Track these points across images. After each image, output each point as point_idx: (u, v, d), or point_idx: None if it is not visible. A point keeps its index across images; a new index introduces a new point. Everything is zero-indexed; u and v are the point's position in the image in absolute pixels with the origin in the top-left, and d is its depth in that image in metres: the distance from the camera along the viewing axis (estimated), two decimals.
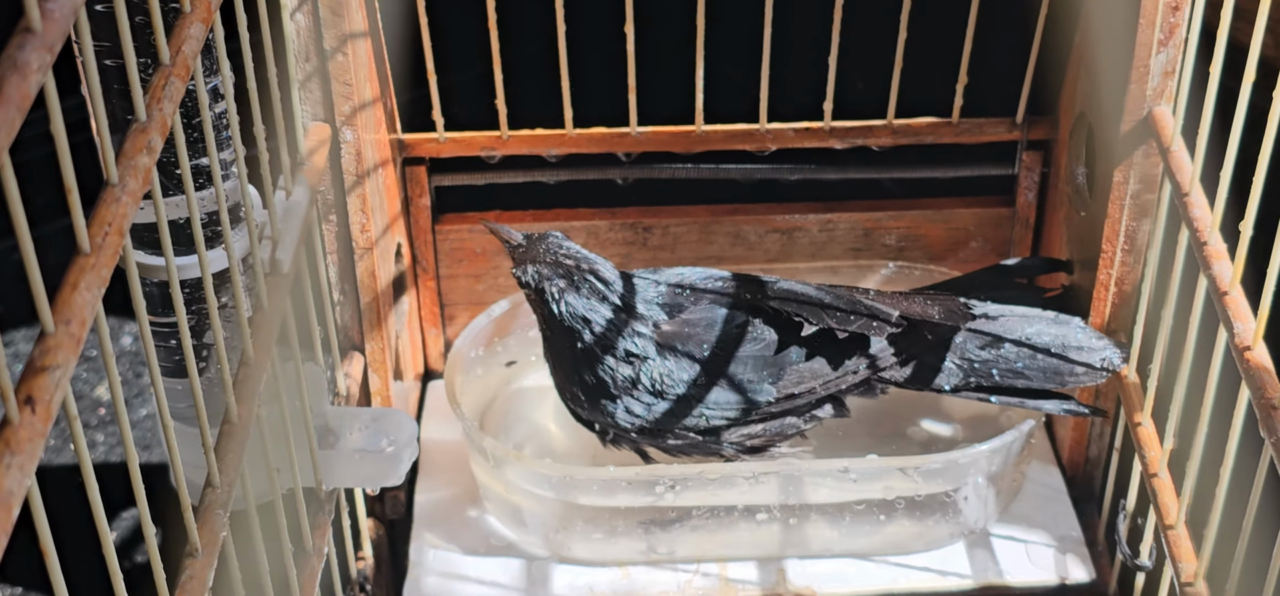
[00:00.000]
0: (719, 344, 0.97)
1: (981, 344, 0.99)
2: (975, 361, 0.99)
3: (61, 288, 0.50)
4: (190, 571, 0.64)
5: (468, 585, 1.04)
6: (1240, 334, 0.78)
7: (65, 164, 0.48)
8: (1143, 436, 0.95)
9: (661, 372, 0.96)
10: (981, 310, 1.01)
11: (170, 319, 0.83)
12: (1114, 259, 1.00)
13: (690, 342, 0.97)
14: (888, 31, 1.08)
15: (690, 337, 0.97)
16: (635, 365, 0.96)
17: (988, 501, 1.04)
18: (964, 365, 0.99)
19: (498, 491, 1.04)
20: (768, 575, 1.04)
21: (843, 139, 1.12)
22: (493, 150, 1.11)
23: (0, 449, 0.43)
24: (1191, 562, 0.86)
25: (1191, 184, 0.86)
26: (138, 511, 0.59)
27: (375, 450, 0.89)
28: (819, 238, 1.18)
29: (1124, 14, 0.92)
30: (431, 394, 1.20)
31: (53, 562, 0.50)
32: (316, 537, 0.86)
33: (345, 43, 0.93)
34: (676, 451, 0.99)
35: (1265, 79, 0.76)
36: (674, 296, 0.99)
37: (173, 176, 0.78)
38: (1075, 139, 1.06)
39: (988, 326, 1.00)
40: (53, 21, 0.45)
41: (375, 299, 1.02)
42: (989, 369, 0.99)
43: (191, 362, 0.66)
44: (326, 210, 0.98)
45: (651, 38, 1.16)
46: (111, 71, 0.74)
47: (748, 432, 0.98)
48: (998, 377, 0.99)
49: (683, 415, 0.97)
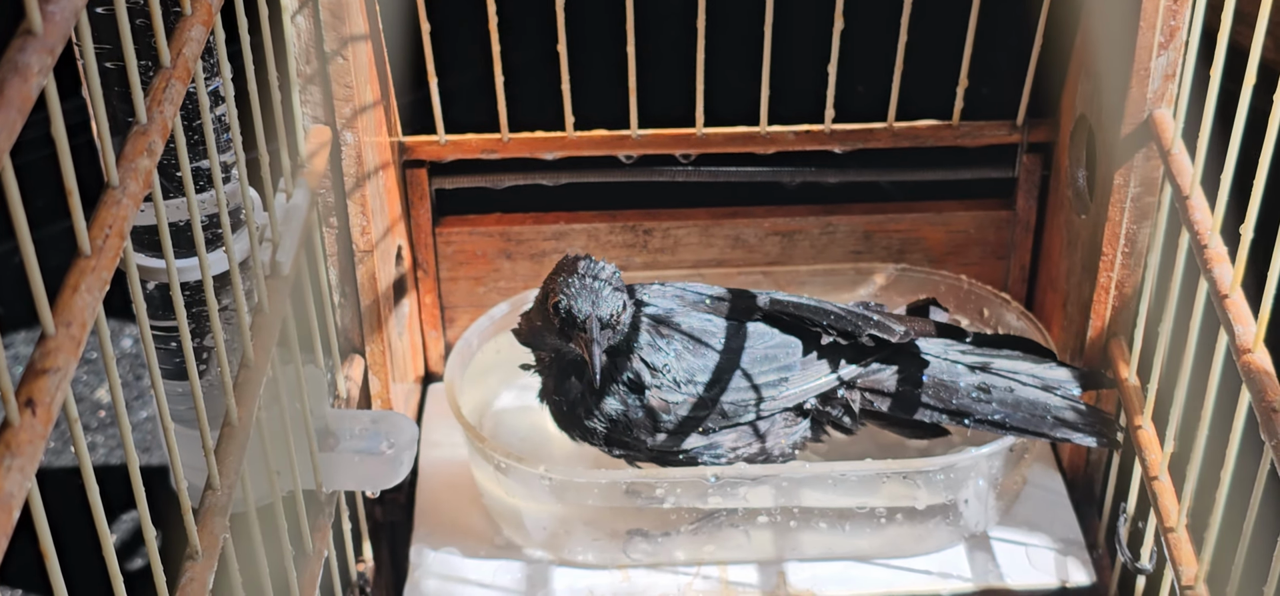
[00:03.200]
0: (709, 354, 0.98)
1: (975, 378, 1.00)
2: (964, 394, 0.99)
3: (62, 290, 0.50)
4: (190, 574, 0.64)
5: (468, 587, 1.04)
6: (1241, 337, 0.78)
7: (66, 166, 0.48)
8: (1143, 439, 0.95)
9: (678, 365, 0.97)
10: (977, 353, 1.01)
11: (171, 321, 0.83)
12: (1114, 262, 1.00)
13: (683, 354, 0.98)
14: (888, 34, 1.08)
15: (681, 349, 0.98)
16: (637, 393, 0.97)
17: (988, 504, 1.04)
18: (946, 398, 0.99)
19: (498, 494, 1.04)
20: (768, 578, 1.04)
21: (843, 142, 1.12)
22: (493, 152, 1.11)
23: (1, 451, 0.43)
24: (1192, 566, 0.86)
25: (1192, 187, 0.86)
26: (138, 513, 0.59)
27: (375, 452, 0.89)
28: (819, 240, 1.18)
29: (1124, 17, 0.92)
30: (432, 396, 1.20)
31: (53, 565, 0.50)
32: (317, 540, 0.86)
33: (346, 45, 0.93)
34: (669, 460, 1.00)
35: (1266, 82, 0.76)
36: (671, 306, 0.99)
37: (173, 179, 0.78)
38: (1076, 142, 1.06)
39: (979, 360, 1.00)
40: (54, 24, 0.46)
41: (376, 301, 1.02)
42: (978, 403, 0.99)
43: (192, 365, 0.66)
44: (327, 213, 0.98)
45: (652, 40, 1.16)
46: (112, 74, 0.74)
47: (734, 447, 0.99)
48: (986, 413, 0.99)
49: (684, 433, 0.98)
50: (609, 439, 0.98)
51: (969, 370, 1.00)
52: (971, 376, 0.99)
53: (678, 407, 0.97)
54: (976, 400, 0.98)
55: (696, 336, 0.98)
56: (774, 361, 0.98)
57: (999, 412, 0.98)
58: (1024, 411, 0.98)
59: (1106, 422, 0.99)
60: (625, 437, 0.98)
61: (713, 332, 0.98)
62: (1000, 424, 0.98)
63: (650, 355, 0.96)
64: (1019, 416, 0.98)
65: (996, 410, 0.98)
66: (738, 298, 1.01)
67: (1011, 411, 0.98)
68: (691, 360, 0.97)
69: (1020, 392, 0.99)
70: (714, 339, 0.98)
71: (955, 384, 0.99)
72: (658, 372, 0.96)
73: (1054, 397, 0.99)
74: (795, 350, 0.99)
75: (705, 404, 0.97)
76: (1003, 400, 0.98)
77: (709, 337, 0.98)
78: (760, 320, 1.00)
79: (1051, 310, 1.13)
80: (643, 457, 1.00)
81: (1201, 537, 0.84)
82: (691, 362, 0.97)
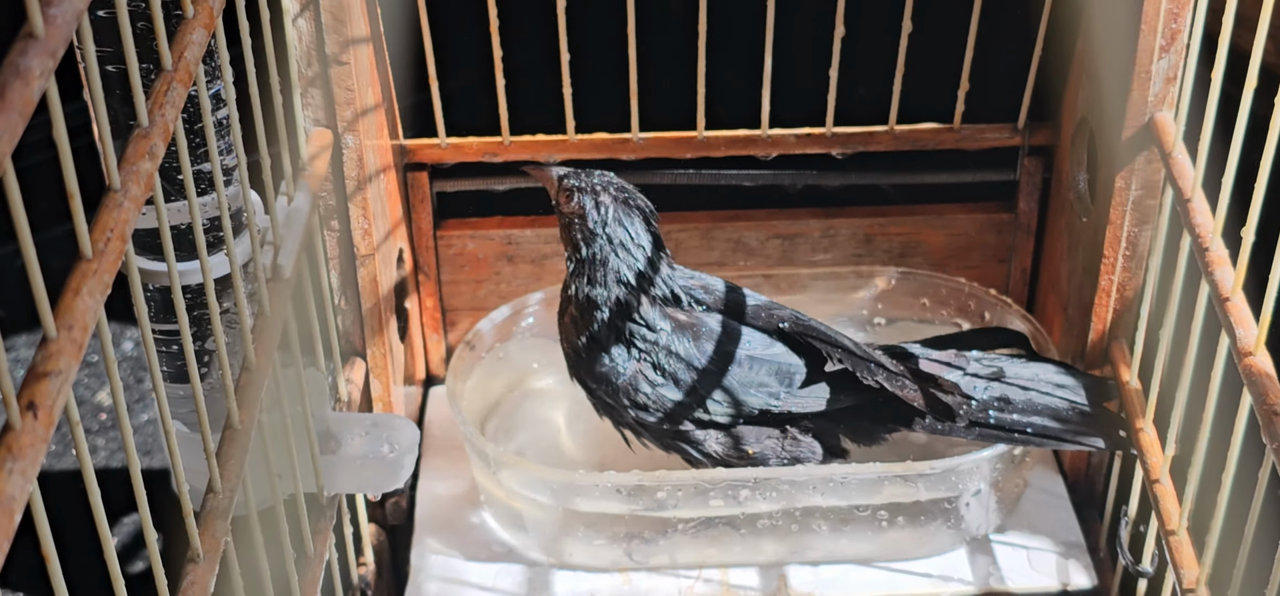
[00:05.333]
0: (728, 340, 0.97)
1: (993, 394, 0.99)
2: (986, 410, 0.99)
3: (63, 293, 0.50)
4: (192, 577, 0.64)
5: (469, 590, 1.04)
6: (1242, 340, 0.78)
7: (67, 169, 0.48)
8: (1144, 442, 0.95)
9: (672, 347, 0.96)
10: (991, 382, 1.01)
11: (172, 324, 0.83)
12: (1115, 265, 1.00)
13: (702, 336, 0.97)
14: (889, 37, 1.08)
15: (702, 331, 0.97)
16: (653, 332, 0.96)
17: (990, 507, 1.04)
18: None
19: (499, 497, 1.04)
20: (769, 581, 1.04)
21: (844, 145, 1.12)
22: (494, 155, 1.11)
23: (2, 454, 0.43)
24: (1193, 568, 0.86)
25: (1193, 190, 0.86)
26: (139, 516, 0.59)
27: (376, 455, 0.89)
28: (820, 243, 1.18)
29: (1126, 20, 0.92)
30: (433, 399, 1.20)
31: (54, 568, 0.50)
32: (318, 543, 0.86)
33: (347, 48, 0.93)
34: (659, 433, 0.99)
35: (1266, 85, 0.76)
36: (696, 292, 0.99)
37: (175, 182, 0.78)
38: (1077, 145, 1.06)
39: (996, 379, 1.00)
40: (55, 27, 0.46)
41: (377, 304, 1.02)
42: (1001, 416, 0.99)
43: (193, 368, 0.66)
44: (328, 216, 0.98)
45: (653, 44, 1.16)
46: (114, 77, 0.74)
47: (727, 440, 0.98)
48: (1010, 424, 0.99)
49: (683, 396, 0.97)
50: (590, 374, 0.98)
51: (985, 381, 0.99)
52: (990, 388, 0.99)
53: (659, 388, 0.96)
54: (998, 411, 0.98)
55: (702, 331, 0.98)
56: (770, 376, 0.98)
57: (1020, 422, 0.98)
58: (1044, 418, 0.98)
59: (1116, 421, 0.99)
60: (601, 389, 0.98)
61: (716, 332, 0.98)
62: (1021, 431, 0.98)
63: (651, 331, 0.96)
64: (1038, 423, 0.98)
65: (1018, 420, 0.98)
66: (759, 308, 1.00)
67: (1033, 419, 0.98)
68: (689, 348, 0.97)
69: (1038, 400, 0.99)
70: (717, 338, 0.98)
71: (972, 396, 0.99)
72: (650, 347, 0.96)
73: (1066, 402, 0.99)
74: (797, 373, 0.98)
75: (690, 392, 0.96)
76: (1024, 409, 0.98)
77: (713, 335, 0.98)
78: (775, 336, 0.99)
79: (1053, 313, 1.13)
80: (625, 423, 1.00)
81: (1203, 540, 0.84)
82: (688, 349, 0.97)
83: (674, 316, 0.98)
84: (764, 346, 0.98)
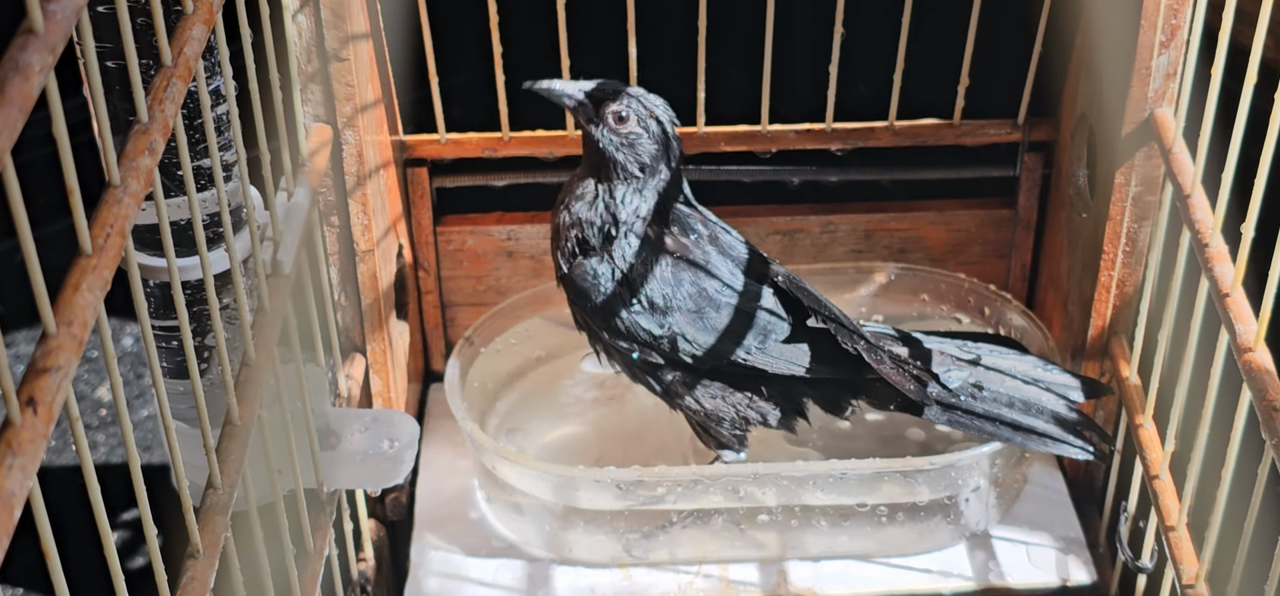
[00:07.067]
0: (719, 276, 0.96)
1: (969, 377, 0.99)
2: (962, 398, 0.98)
3: (63, 289, 0.50)
4: (191, 572, 0.64)
5: (469, 586, 1.04)
6: (1242, 336, 0.78)
7: (67, 165, 0.48)
8: (1144, 438, 0.95)
9: (660, 274, 0.95)
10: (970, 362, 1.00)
11: (172, 320, 0.83)
12: (1115, 261, 1.00)
13: (690, 268, 0.96)
14: (889, 33, 1.08)
15: (696, 261, 0.96)
16: (646, 262, 0.95)
17: (989, 503, 1.04)
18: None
19: (498, 492, 1.05)
20: (769, 576, 1.04)
21: (844, 141, 1.12)
22: (494, 151, 1.11)
23: (2, 450, 0.44)
24: (1193, 564, 0.86)
25: (1193, 186, 0.86)
26: (139, 512, 0.59)
27: (376, 451, 0.89)
28: (820, 239, 1.18)
29: (1125, 16, 0.92)
30: (432, 395, 1.20)
31: (54, 563, 0.50)
32: (318, 539, 0.86)
33: (347, 44, 0.93)
34: (627, 361, 0.98)
35: (1266, 81, 0.76)
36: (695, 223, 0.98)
37: (174, 177, 0.78)
38: (1077, 141, 1.06)
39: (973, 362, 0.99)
40: (55, 23, 0.46)
41: (376, 300, 1.02)
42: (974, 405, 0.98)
43: (193, 364, 0.66)
44: (328, 211, 0.98)
45: (653, 39, 1.16)
46: (113, 72, 0.74)
47: (705, 388, 0.97)
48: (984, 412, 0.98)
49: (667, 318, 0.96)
50: (572, 287, 0.97)
51: (964, 364, 0.99)
52: (964, 371, 0.98)
53: (635, 314, 0.95)
54: (971, 396, 0.97)
55: (691, 259, 0.96)
56: (746, 326, 0.96)
57: (992, 410, 0.97)
58: (1018, 411, 0.97)
59: (1096, 428, 0.98)
60: (581, 303, 0.97)
61: (703, 268, 0.96)
62: (993, 419, 0.97)
63: (636, 258, 0.96)
64: (1011, 417, 0.97)
65: (991, 407, 0.97)
66: (754, 258, 0.99)
67: (1005, 411, 0.97)
68: (674, 277, 0.95)
69: (1015, 390, 0.98)
70: (702, 275, 0.96)
71: (942, 375, 0.97)
72: (640, 277, 0.95)
73: (1051, 398, 0.98)
74: (774, 332, 0.97)
75: (660, 324, 0.95)
76: (997, 397, 0.97)
77: (698, 272, 0.96)
78: (769, 287, 0.98)
79: (1052, 309, 1.13)
80: (598, 341, 0.99)
81: (1202, 536, 0.84)
82: (673, 278, 0.95)
83: (671, 245, 0.96)
84: (751, 298, 0.97)
